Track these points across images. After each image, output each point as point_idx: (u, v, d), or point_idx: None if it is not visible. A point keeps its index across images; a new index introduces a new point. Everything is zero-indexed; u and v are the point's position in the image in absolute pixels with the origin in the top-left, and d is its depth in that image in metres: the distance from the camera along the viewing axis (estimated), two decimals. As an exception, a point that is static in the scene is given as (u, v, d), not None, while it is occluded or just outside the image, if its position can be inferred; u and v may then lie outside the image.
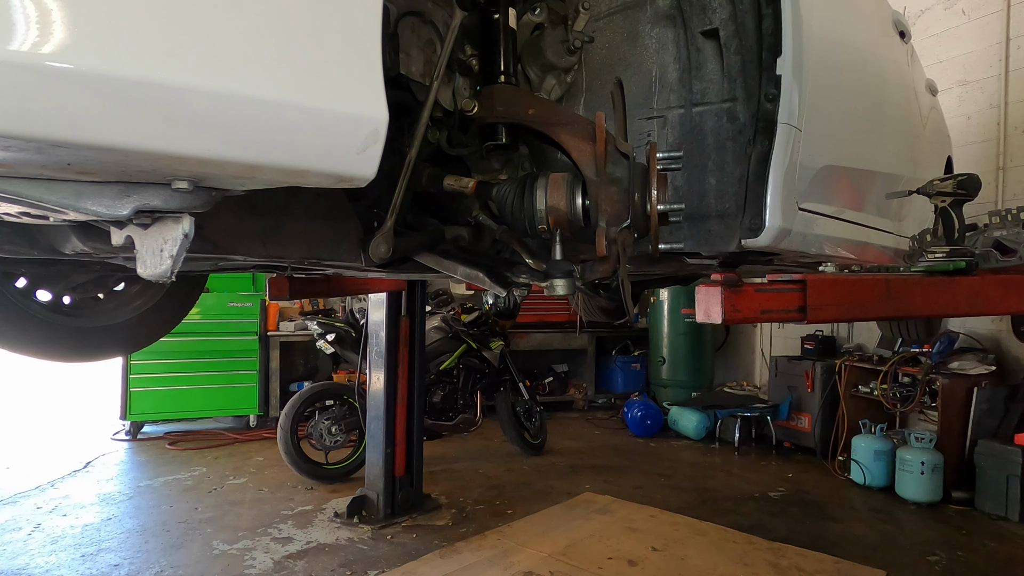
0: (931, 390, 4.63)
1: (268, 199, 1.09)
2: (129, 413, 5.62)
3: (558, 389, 7.33)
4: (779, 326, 6.52)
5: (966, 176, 1.94)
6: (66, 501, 4.16)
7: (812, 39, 1.36)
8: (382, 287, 3.38)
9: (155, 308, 2.18)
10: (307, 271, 2.11)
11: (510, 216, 1.07)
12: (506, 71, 1.06)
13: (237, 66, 0.57)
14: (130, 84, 0.51)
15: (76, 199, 0.64)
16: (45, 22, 0.47)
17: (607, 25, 1.41)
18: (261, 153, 0.62)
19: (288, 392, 5.84)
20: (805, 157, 1.37)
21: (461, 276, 1.23)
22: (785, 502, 4.39)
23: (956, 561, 3.48)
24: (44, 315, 1.88)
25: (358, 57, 0.67)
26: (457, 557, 3.37)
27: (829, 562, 3.36)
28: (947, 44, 5.07)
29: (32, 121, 0.49)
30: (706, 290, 1.54)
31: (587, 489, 4.50)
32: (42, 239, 1.12)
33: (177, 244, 0.68)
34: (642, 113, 1.41)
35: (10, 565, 3.24)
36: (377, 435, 3.88)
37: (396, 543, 3.58)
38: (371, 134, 0.68)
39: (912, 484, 4.32)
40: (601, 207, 0.99)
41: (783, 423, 5.58)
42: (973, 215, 4.38)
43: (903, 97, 2.23)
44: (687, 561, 3.36)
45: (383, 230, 1.01)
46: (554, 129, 1.03)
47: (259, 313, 6.07)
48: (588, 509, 4.11)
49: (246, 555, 3.38)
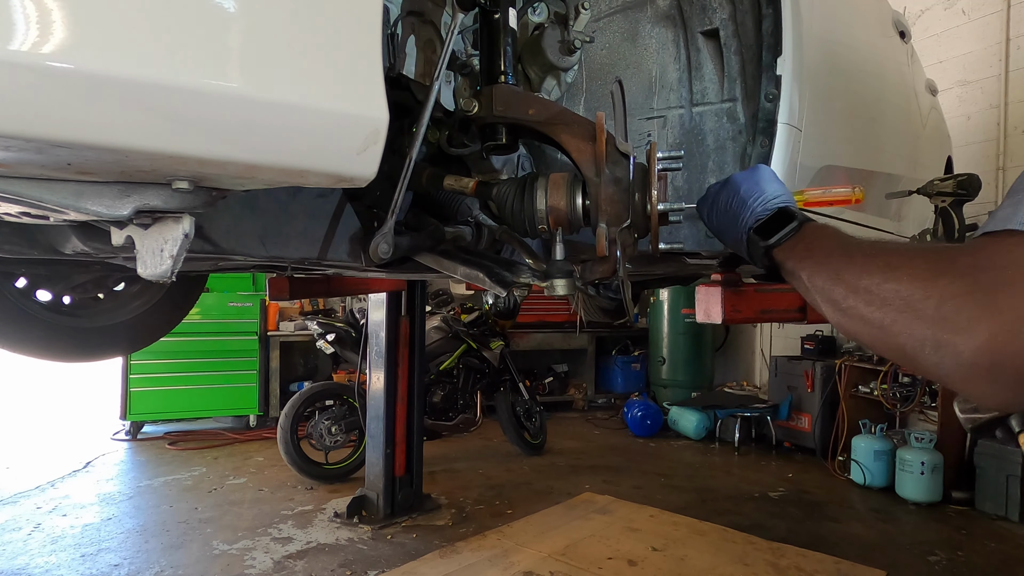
0: (931, 390, 4.63)
1: (268, 199, 1.09)
2: (129, 413, 5.62)
3: (558, 389, 7.33)
4: (779, 326, 6.51)
5: (966, 176, 1.94)
6: (66, 501, 4.16)
7: (812, 39, 1.36)
8: (382, 287, 3.38)
9: (155, 308, 2.18)
10: (307, 271, 2.11)
11: (510, 216, 1.07)
12: (506, 71, 1.06)
13: (237, 66, 0.57)
14: (130, 84, 0.51)
15: (76, 199, 0.64)
16: (45, 22, 0.47)
17: (607, 25, 1.41)
18: (261, 153, 0.62)
19: (288, 392, 5.84)
20: (805, 157, 1.37)
21: (461, 276, 1.23)
22: (785, 502, 4.39)
23: (956, 561, 3.48)
24: (44, 315, 1.87)
25: (358, 57, 0.67)
26: (457, 557, 3.37)
27: (829, 562, 3.37)
28: (947, 44, 5.07)
29: (32, 121, 0.49)
30: (706, 290, 1.55)
31: (587, 489, 4.50)
32: (42, 239, 1.12)
33: (177, 244, 0.68)
34: (642, 113, 1.41)
35: (10, 565, 3.24)
36: (377, 435, 3.88)
37: (396, 543, 3.58)
38: (371, 134, 0.68)
39: (912, 484, 4.32)
40: (601, 207, 0.99)
41: (783, 423, 5.58)
42: (973, 215, 4.38)
43: (903, 97, 2.23)
44: (687, 561, 3.36)
45: (383, 230, 1.01)
46: (554, 129, 1.03)
47: (259, 313, 6.07)
48: (588, 509, 4.11)
49: (246, 555, 3.38)
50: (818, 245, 0.78)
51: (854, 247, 0.72)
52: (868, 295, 0.64)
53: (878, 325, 0.63)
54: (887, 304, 0.62)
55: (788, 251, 0.83)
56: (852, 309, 0.67)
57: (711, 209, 0.98)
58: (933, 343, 0.57)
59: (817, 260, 0.76)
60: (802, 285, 0.79)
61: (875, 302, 0.63)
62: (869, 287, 0.64)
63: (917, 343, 0.59)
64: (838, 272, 0.70)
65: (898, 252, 0.65)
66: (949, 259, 0.60)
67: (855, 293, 0.66)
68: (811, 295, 0.77)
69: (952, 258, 0.60)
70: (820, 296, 0.74)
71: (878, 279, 0.64)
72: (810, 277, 0.76)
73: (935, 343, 0.57)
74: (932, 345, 0.58)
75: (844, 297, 0.68)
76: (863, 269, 0.67)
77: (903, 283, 0.61)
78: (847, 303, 0.67)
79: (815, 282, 0.75)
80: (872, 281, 0.64)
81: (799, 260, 0.80)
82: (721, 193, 0.96)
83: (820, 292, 0.73)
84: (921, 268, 0.61)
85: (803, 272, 0.78)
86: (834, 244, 0.76)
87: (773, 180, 0.93)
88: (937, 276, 0.59)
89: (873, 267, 0.65)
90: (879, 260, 0.66)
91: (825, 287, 0.72)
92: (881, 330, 0.63)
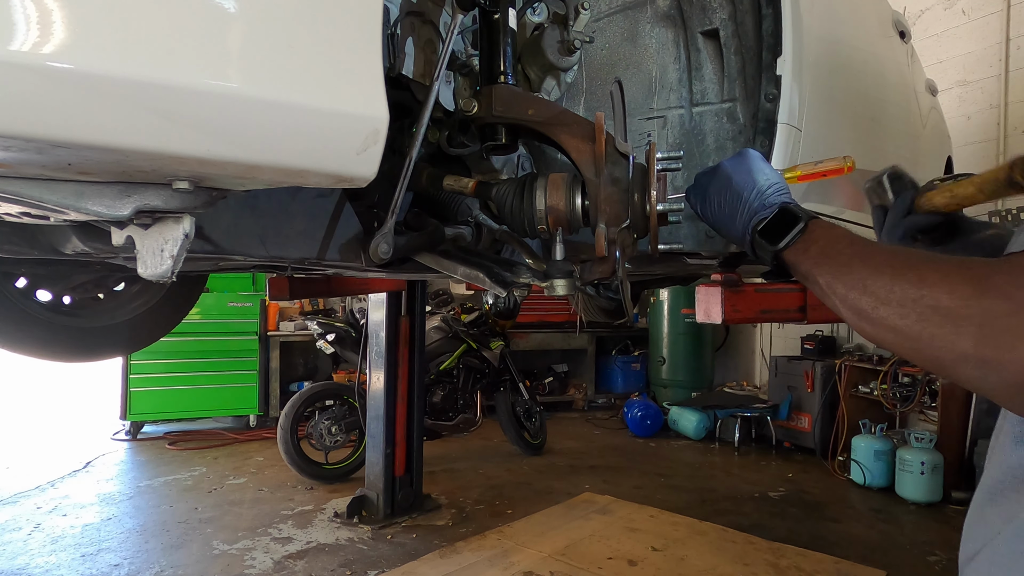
0: (931, 390, 4.63)
1: (268, 199, 1.09)
2: (129, 413, 5.62)
3: (558, 389, 7.33)
4: (779, 326, 6.52)
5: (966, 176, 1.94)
6: (66, 501, 4.16)
7: (812, 39, 1.36)
8: (382, 287, 3.38)
9: (155, 308, 2.18)
10: (307, 271, 2.11)
11: (510, 216, 1.07)
12: (506, 71, 1.06)
13: (237, 66, 0.57)
14: (130, 84, 0.51)
15: (77, 199, 0.64)
16: (45, 22, 0.47)
17: (607, 25, 1.41)
18: (262, 153, 0.62)
19: (288, 392, 5.84)
20: (805, 157, 1.37)
21: (461, 276, 1.22)
22: (785, 502, 4.39)
23: (956, 561, 3.46)
24: (44, 315, 1.87)
25: (358, 57, 0.67)
26: (457, 557, 3.37)
27: (829, 562, 3.37)
28: (947, 44, 5.07)
29: (32, 121, 0.49)
30: (706, 290, 1.55)
31: (587, 489, 4.50)
32: (42, 239, 1.12)
33: (178, 244, 0.68)
34: (642, 113, 1.41)
35: (10, 565, 3.24)
36: (377, 435, 3.88)
37: (396, 543, 3.58)
38: (371, 134, 0.68)
39: (912, 484, 4.32)
40: (600, 207, 0.99)
41: (783, 423, 5.58)
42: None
43: (903, 97, 2.22)
44: (687, 561, 3.36)
45: (383, 230, 1.01)
46: (553, 129, 1.03)
47: (259, 313, 6.07)
48: (588, 509, 4.11)
49: (246, 555, 3.38)
50: (833, 250, 0.79)
51: (875, 254, 0.73)
52: (902, 308, 0.66)
53: (914, 337, 0.65)
54: (925, 319, 0.64)
55: (800, 254, 0.83)
56: (884, 320, 0.68)
57: (703, 201, 0.97)
58: (977, 360, 0.60)
59: (837, 265, 0.76)
60: (818, 289, 0.80)
61: (910, 316, 0.65)
62: (903, 300, 0.66)
63: (958, 358, 0.61)
64: (864, 282, 0.71)
65: (932, 266, 0.66)
66: (986, 277, 0.62)
67: (886, 304, 0.68)
68: (830, 299, 0.77)
69: (988, 276, 0.62)
70: (842, 303, 0.74)
71: (912, 293, 0.65)
72: (829, 283, 0.77)
73: (979, 360, 0.59)
74: (976, 362, 0.60)
75: (873, 308, 0.69)
76: (894, 281, 0.68)
77: (943, 300, 0.63)
78: (877, 313, 0.69)
79: (836, 289, 0.75)
80: (906, 295, 0.66)
81: (814, 264, 0.80)
82: (712, 184, 0.95)
83: (842, 299, 0.74)
84: (961, 285, 0.62)
85: (820, 277, 0.78)
86: (852, 249, 0.76)
87: (764, 167, 0.92)
88: (980, 295, 0.60)
89: (905, 281, 0.67)
90: (911, 273, 0.67)
91: (850, 296, 0.72)
92: (916, 341, 0.65)
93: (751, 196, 0.89)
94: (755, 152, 0.95)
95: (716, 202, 0.94)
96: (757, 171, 0.91)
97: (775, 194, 0.89)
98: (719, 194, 0.93)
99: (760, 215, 0.88)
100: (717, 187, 0.94)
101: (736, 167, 0.93)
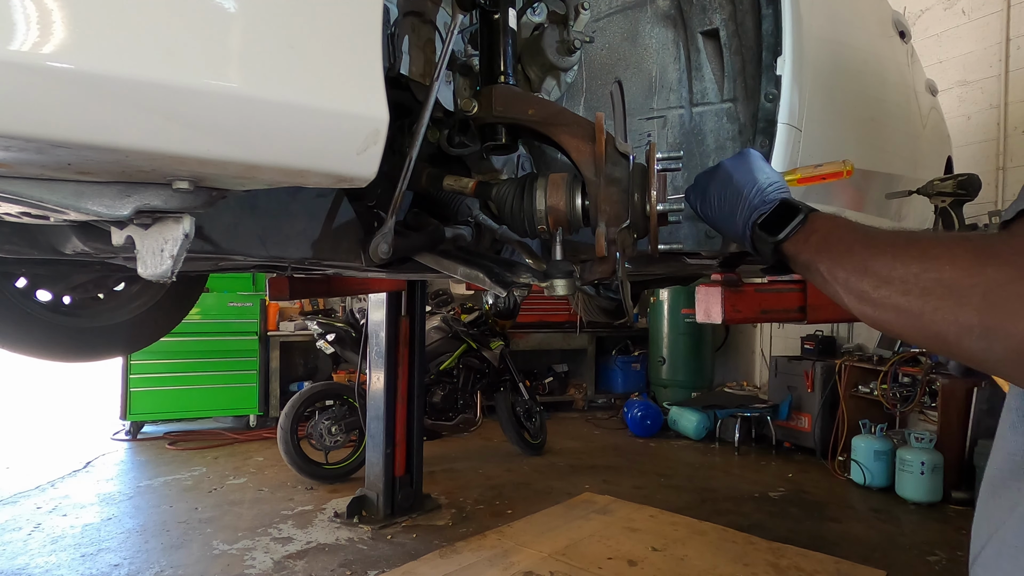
0: (931, 390, 4.63)
1: (268, 199, 1.09)
2: (129, 413, 5.62)
3: (558, 389, 7.33)
4: (779, 326, 6.52)
5: (966, 176, 1.94)
6: (66, 501, 4.16)
7: (812, 39, 1.36)
8: (382, 287, 3.38)
9: (155, 308, 2.18)
10: (307, 271, 2.11)
11: (510, 216, 1.07)
12: (506, 71, 1.06)
13: (237, 66, 0.57)
14: (130, 84, 0.51)
15: (77, 199, 0.64)
16: (45, 22, 0.47)
17: (607, 25, 1.41)
18: (262, 153, 0.62)
19: (288, 392, 5.84)
20: (805, 157, 1.37)
21: (461, 276, 1.22)
22: (785, 502, 4.39)
23: (956, 561, 3.48)
24: (44, 315, 1.87)
25: (358, 57, 0.67)
26: (457, 557, 3.37)
27: (829, 562, 3.37)
28: (947, 44, 5.07)
29: (32, 121, 0.49)
30: (706, 290, 1.55)
31: (587, 489, 4.50)
32: (42, 239, 1.12)
33: (178, 244, 0.68)
34: (642, 113, 1.40)
35: (10, 565, 3.24)
36: (377, 435, 3.88)
37: (396, 543, 3.58)
38: (371, 134, 0.68)
39: (912, 484, 4.32)
40: (600, 207, 0.99)
41: (783, 423, 5.58)
42: (973, 215, 4.39)
43: (903, 97, 2.22)
44: (687, 561, 3.36)
45: (383, 230, 1.01)
46: (553, 129, 1.03)
47: (259, 313, 6.07)
48: (588, 509, 4.11)
49: (246, 555, 3.38)
50: (835, 236, 0.79)
51: (875, 237, 0.73)
52: (904, 284, 0.65)
53: (916, 313, 0.64)
54: (928, 293, 0.63)
55: (801, 244, 0.83)
56: (885, 299, 0.67)
57: (703, 201, 0.97)
58: (981, 330, 0.58)
59: (838, 252, 0.76)
60: (819, 277, 0.79)
61: (913, 291, 0.64)
62: (905, 277, 0.65)
63: (962, 329, 0.60)
64: (865, 263, 0.71)
65: (934, 242, 0.66)
66: (988, 246, 0.61)
67: (888, 283, 0.67)
68: (830, 287, 0.77)
69: (992, 244, 0.61)
70: (843, 288, 0.74)
71: (915, 268, 0.65)
72: (830, 269, 0.76)
73: (983, 329, 0.58)
74: (980, 331, 0.58)
75: (875, 287, 0.69)
76: (895, 259, 0.67)
77: (945, 272, 0.62)
78: (878, 293, 0.68)
79: (836, 274, 0.75)
80: (909, 271, 0.65)
81: (815, 253, 0.80)
82: (712, 183, 0.95)
83: (843, 284, 0.74)
84: (963, 256, 0.61)
85: (821, 264, 0.78)
86: (853, 235, 0.76)
87: (764, 166, 0.92)
88: (983, 264, 0.60)
89: (908, 257, 0.66)
90: (913, 250, 0.66)
91: (850, 279, 0.72)
92: (919, 318, 0.64)
93: (751, 193, 0.89)
94: (755, 152, 0.95)
95: (716, 201, 0.94)
96: (758, 170, 0.91)
97: (775, 191, 0.89)
98: (719, 192, 0.93)
99: (760, 210, 0.88)
100: (717, 186, 0.94)
101: (737, 166, 0.93)
